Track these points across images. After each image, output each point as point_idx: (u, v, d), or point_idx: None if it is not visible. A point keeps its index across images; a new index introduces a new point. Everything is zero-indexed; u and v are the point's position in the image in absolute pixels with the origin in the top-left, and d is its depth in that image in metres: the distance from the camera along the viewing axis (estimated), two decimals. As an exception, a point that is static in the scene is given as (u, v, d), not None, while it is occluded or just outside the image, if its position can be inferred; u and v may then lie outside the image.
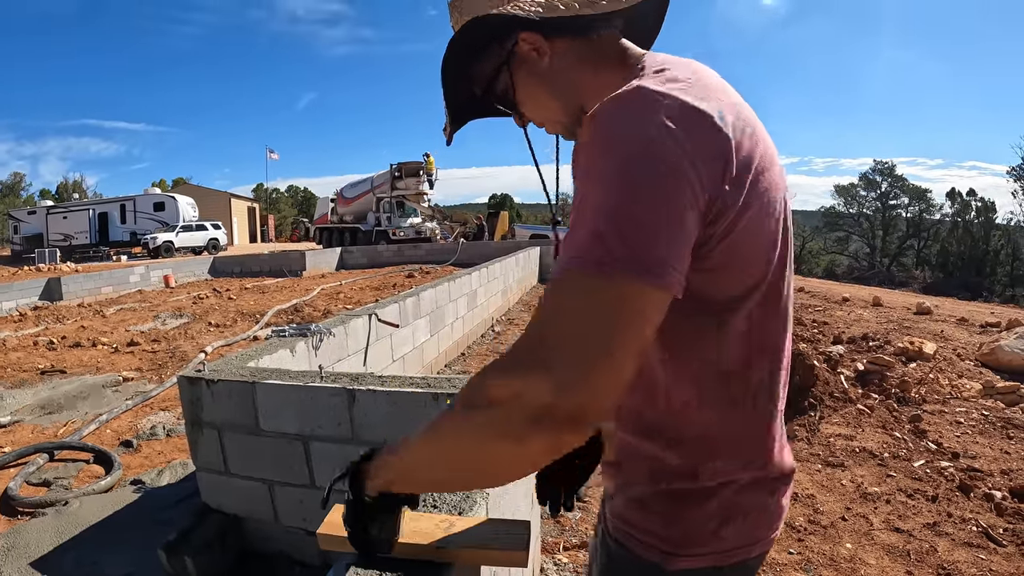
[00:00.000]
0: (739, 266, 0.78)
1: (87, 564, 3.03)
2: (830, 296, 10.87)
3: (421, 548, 1.09)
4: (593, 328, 0.63)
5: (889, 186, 50.39)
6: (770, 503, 0.89)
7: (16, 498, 3.74)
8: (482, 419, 0.68)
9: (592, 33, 0.88)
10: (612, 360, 0.63)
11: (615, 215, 0.65)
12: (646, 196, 0.65)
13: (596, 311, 0.64)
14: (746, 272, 0.79)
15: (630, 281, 0.64)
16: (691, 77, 0.76)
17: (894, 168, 50.60)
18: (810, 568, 2.62)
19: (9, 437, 4.87)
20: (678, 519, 0.85)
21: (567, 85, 0.91)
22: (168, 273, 17.54)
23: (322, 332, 3.30)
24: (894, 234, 49.91)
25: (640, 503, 0.88)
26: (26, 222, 37.08)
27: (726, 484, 0.84)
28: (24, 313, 11.91)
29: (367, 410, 2.40)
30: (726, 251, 0.75)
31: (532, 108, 0.96)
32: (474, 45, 0.91)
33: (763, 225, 0.78)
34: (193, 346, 8.13)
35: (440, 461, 0.78)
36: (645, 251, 0.64)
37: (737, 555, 0.87)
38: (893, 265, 46.97)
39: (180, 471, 4.06)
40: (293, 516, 2.73)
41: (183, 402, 2.83)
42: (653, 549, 0.86)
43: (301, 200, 77.21)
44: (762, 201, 0.77)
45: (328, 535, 1.12)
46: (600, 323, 0.63)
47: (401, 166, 28.56)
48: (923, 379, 5.22)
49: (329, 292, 13.60)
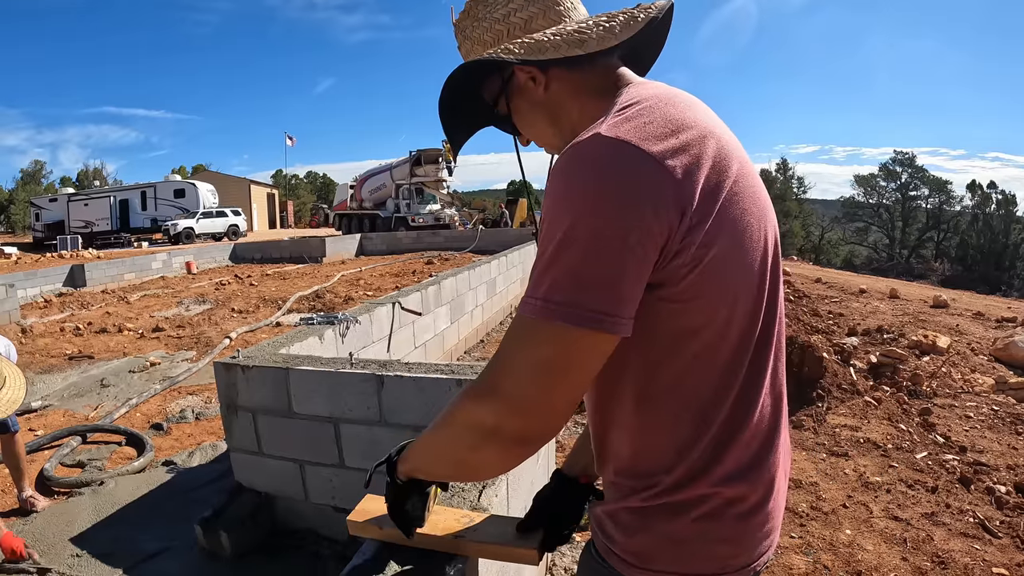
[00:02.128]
0: (710, 297, 0.80)
1: (125, 540, 3.17)
2: (847, 287, 10.86)
3: (440, 540, 1.21)
4: (535, 367, 0.75)
5: (909, 177, 49.84)
6: (739, 528, 0.88)
7: (52, 478, 3.88)
8: (453, 433, 0.86)
9: (585, 65, 0.92)
10: (549, 396, 0.76)
11: (563, 266, 0.73)
12: (593, 248, 0.72)
13: (538, 352, 0.75)
14: (719, 302, 0.81)
15: (570, 328, 0.72)
16: (653, 114, 0.80)
17: (914, 159, 50.06)
18: (810, 552, 2.74)
19: (41, 421, 5.04)
20: (638, 534, 0.89)
21: (561, 112, 0.97)
22: (190, 259, 17.70)
23: (349, 320, 3.45)
24: (914, 226, 49.44)
25: (611, 515, 0.93)
26: (47, 209, 37.34)
27: (683, 507, 0.86)
28: (49, 299, 12.08)
29: (395, 395, 2.55)
30: (695, 284, 0.78)
31: (530, 131, 1.03)
32: (474, 77, 0.99)
33: (734, 256, 0.81)
34: (217, 332, 8.27)
35: (436, 461, 0.96)
36: (589, 300, 0.72)
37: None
38: (912, 257, 46.54)
39: (210, 452, 4.22)
40: (323, 494, 2.90)
41: (219, 387, 2.99)
42: (615, 557, 0.91)
43: (320, 186, 77.05)
44: (733, 230, 0.81)
45: (357, 522, 1.26)
46: (541, 364, 0.75)
47: (420, 153, 28.62)
48: (935, 373, 5.28)
49: (349, 278, 13.70)
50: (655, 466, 0.87)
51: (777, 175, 54.31)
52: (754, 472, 0.88)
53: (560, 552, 2.78)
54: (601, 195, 0.73)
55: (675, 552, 0.87)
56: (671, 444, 0.86)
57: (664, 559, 0.88)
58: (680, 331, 0.82)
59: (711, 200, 0.78)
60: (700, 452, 0.85)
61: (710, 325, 0.82)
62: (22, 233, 46.86)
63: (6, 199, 54.57)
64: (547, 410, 0.77)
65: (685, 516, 0.86)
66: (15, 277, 12.45)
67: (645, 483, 0.88)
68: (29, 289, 12.68)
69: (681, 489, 0.86)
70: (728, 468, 0.86)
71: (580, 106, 0.95)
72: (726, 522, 0.87)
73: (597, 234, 0.72)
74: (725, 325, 0.83)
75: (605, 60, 0.94)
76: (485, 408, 0.78)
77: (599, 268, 0.73)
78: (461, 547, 1.20)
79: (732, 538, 0.88)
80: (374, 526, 1.26)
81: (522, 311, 0.77)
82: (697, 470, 0.85)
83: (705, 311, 0.81)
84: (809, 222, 53.44)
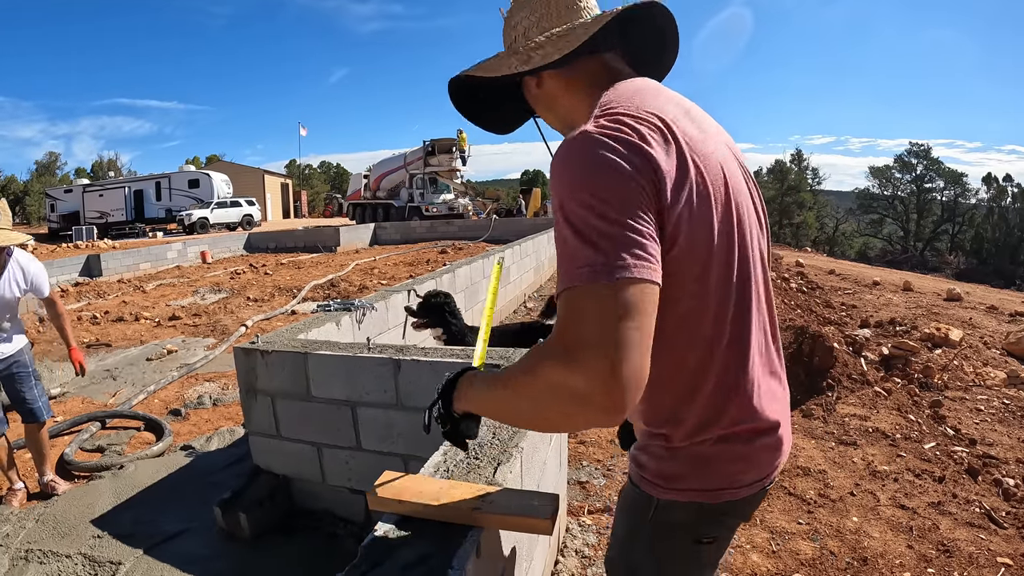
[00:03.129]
0: (692, 251, 0.92)
1: (145, 521, 3.24)
2: (861, 279, 10.83)
3: (458, 512, 1.27)
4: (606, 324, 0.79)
5: (925, 169, 49.40)
6: (748, 452, 1.05)
7: (72, 462, 3.96)
8: (536, 390, 0.86)
9: (569, 63, 1.07)
10: (627, 351, 0.78)
11: (590, 239, 0.82)
12: (607, 212, 0.83)
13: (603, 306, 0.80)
14: (697, 255, 0.93)
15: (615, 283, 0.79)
16: (630, 107, 0.94)
17: (929, 150, 49.51)
18: (817, 537, 2.78)
19: (60, 407, 5.11)
20: (666, 461, 1.06)
21: (555, 104, 1.16)
22: (205, 249, 17.79)
23: (365, 307, 3.51)
24: (928, 218, 49.01)
25: (643, 448, 1.10)
26: (63, 200, 37.53)
27: (700, 441, 1.03)
28: (66, 289, 12.18)
29: (411, 378, 2.60)
30: (683, 240, 0.90)
31: (542, 116, 1.24)
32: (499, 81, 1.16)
33: (705, 214, 0.93)
34: (233, 320, 8.35)
35: (503, 409, 1.01)
36: (618, 256, 0.80)
37: (722, 496, 1.06)
38: (927, 250, 46.16)
39: (228, 437, 4.30)
40: (339, 476, 2.96)
41: (238, 372, 3.06)
42: (647, 483, 1.09)
43: (334, 176, 77.14)
44: (703, 195, 0.93)
45: (377, 496, 1.31)
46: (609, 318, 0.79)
47: (434, 143, 28.69)
48: (947, 365, 5.29)
49: (364, 267, 13.78)
50: (671, 416, 1.04)
51: (792, 166, 53.95)
52: (759, 413, 1.05)
53: (571, 534, 2.84)
54: (599, 173, 0.86)
55: (697, 473, 1.05)
56: (676, 398, 1.03)
57: (688, 479, 1.05)
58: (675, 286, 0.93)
59: (681, 169, 0.91)
60: (705, 401, 1.02)
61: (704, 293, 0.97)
62: (37, 224, 47.30)
63: (21, 190, 54.97)
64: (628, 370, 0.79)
65: (704, 447, 1.03)
66: None
67: (670, 429, 1.04)
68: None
69: (700, 432, 1.03)
70: (734, 415, 1.03)
71: (570, 101, 1.13)
72: (738, 447, 1.04)
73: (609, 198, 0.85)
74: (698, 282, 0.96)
75: (588, 62, 1.10)
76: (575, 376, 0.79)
77: (620, 227, 0.83)
78: (477, 519, 1.26)
79: (745, 457, 1.05)
80: (393, 500, 1.31)
81: (575, 282, 0.82)
82: (708, 419, 1.02)
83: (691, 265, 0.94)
84: (823, 213, 53.08)
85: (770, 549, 2.72)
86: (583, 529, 2.90)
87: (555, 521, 1.23)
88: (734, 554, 2.69)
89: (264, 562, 2.82)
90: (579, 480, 3.39)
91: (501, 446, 1.66)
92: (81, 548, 3.00)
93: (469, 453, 1.56)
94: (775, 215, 51.42)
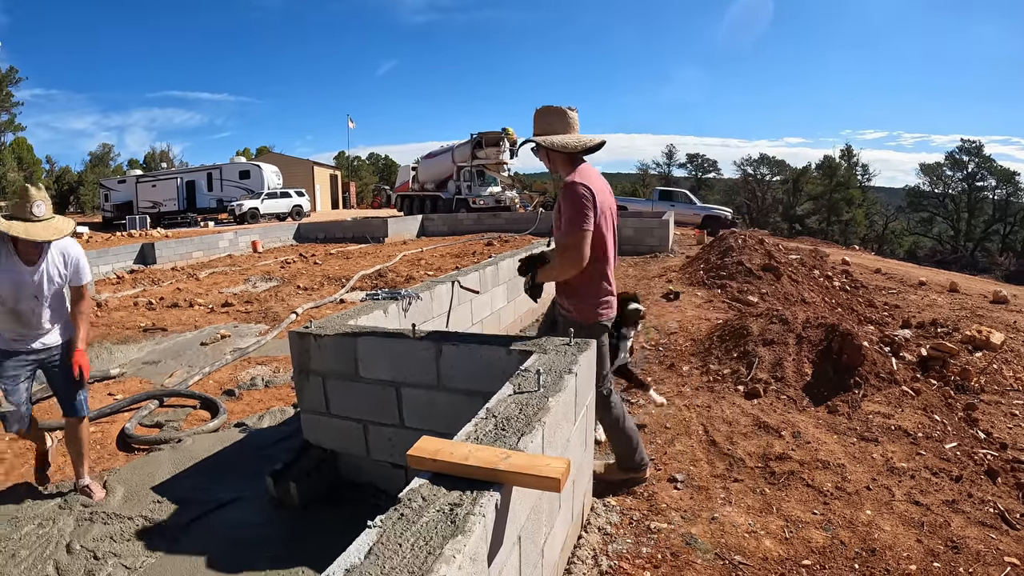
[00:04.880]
0: (599, 231, 2.91)
1: (201, 489, 3.53)
2: (907, 279, 10.67)
3: (482, 470, 1.52)
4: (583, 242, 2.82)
5: (976, 167, 47.65)
6: (610, 304, 3.14)
7: (133, 436, 4.26)
8: (564, 262, 2.91)
9: (568, 153, 3.02)
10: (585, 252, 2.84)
11: (576, 214, 2.82)
12: (583, 211, 2.82)
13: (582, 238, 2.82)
14: (600, 232, 2.93)
15: (584, 231, 2.82)
16: (586, 175, 2.91)
17: (982, 147, 47.59)
18: (829, 528, 2.91)
19: (119, 387, 5.48)
20: (587, 308, 3.07)
21: (553, 165, 3.10)
22: (256, 239, 18.26)
23: (411, 296, 3.74)
24: (980, 217, 47.22)
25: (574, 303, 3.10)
26: (116, 190, 38.71)
27: (598, 301, 3.07)
28: (121, 276, 12.74)
29: (452, 362, 2.84)
30: (597, 227, 2.90)
31: (548, 165, 3.16)
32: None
33: (603, 225, 2.95)
34: (284, 307, 8.65)
35: (552, 274, 3.09)
36: (586, 224, 2.81)
37: (604, 319, 3.12)
38: (977, 250, 44.63)
39: (278, 416, 4.58)
40: (382, 451, 3.22)
41: (292, 353, 3.33)
42: (579, 315, 3.09)
43: (382, 167, 77.58)
44: (604, 218, 2.95)
45: (417, 457, 1.58)
46: (584, 241, 2.82)
47: (482, 136, 28.71)
48: (986, 369, 5.23)
49: (411, 258, 14.03)
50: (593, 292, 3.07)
51: (841, 161, 52.79)
52: (612, 291, 3.15)
53: (595, 513, 3.04)
54: (582, 197, 2.84)
55: (598, 312, 3.08)
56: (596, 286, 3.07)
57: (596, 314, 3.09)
58: (595, 245, 2.89)
59: (600, 207, 2.91)
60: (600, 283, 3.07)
61: (600, 244, 2.96)
62: (91, 213, 48.81)
63: (76, 180, 56.86)
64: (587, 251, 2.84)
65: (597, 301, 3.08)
66: (88, 254, 12.72)
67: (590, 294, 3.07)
68: (102, 266, 13.34)
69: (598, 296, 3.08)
70: (606, 290, 3.11)
71: (562, 166, 3.05)
72: (608, 300, 3.13)
73: (585, 207, 2.85)
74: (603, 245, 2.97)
75: (572, 155, 3.03)
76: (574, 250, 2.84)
77: (587, 216, 2.83)
78: (497, 475, 1.49)
79: (611, 306, 3.15)
80: (429, 459, 1.57)
81: (573, 230, 2.83)
82: (601, 291, 3.08)
83: (599, 239, 2.93)
84: (873, 211, 51.70)
85: (783, 536, 2.87)
86: (607, 509, 3.10)
87: (564, 481, 1.46)
88: (748, 539, 2.85)
89: (312, 528, 3.07)
90: (607, 464, 3.58)
91: (526, 420, 1.88)
92: (142, 511, 3.27)
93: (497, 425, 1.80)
94: (823, 212, 50.47)
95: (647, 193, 41.50)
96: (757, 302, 7.33)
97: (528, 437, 1.73)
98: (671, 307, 7.85)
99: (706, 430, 4.01)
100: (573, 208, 2.79)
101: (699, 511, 3.11)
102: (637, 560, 2.72)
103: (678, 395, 4.66)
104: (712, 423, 4.09)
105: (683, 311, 7.57)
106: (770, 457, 3.59)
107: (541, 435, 1.81)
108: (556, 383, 2.28)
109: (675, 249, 14.60)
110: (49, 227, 3.14)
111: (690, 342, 6.07)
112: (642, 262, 12.82)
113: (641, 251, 14.14)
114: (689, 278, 9.79)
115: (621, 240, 14.24)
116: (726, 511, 3.10)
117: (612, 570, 2.64)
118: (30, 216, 3.09)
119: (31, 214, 3.09)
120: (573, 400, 2.42)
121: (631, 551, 2.78)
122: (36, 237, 3.08)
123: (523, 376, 2.35)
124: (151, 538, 3.06)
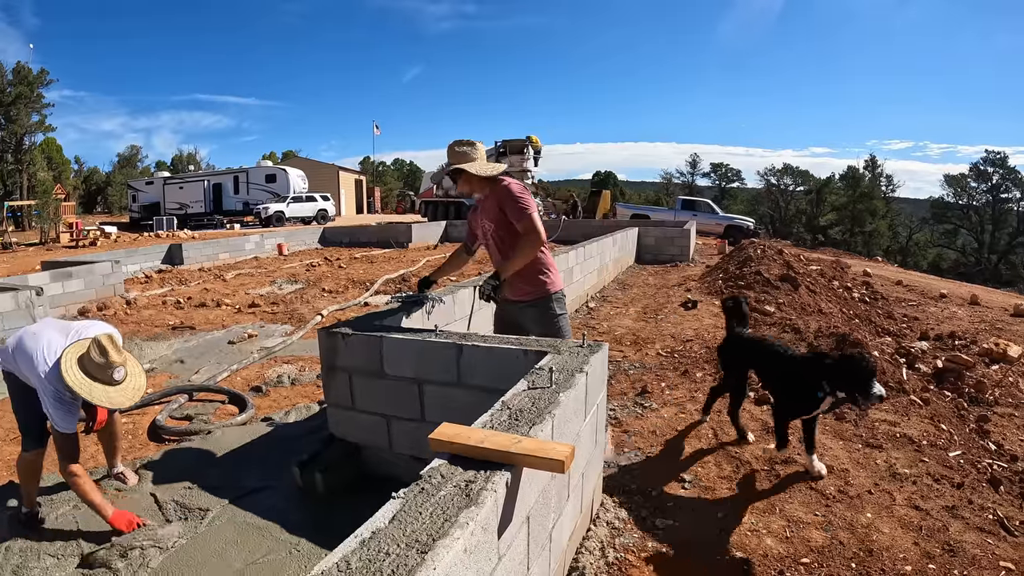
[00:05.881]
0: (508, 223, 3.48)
1: (230, 478, 3.70)
2: (928, 291, 10.62)
3: (496, 452, 1.70)
4: (538, 221, 3.36)
5: (1001, 178, 47.02)
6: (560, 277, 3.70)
7: (164, 427, 4.46)
8: (528, 247, 3.33)
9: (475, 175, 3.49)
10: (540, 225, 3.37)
11: (524, 203, 3.35)
12: (526, 198, 3.36)
13: (535, 219, 3.36)
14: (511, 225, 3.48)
15: (533, 212, 3.36)
16: (516, 180, 3.48)
17: (1006, 159, 46.99)
18: (829, 528, 3.01)
19: (150, 382, 5.58)
20: (553, 278, 3.62)
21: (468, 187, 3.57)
22: (281, 242, 18.57)
23: (434, 300, 3.91)
24: (1004, 230, 46.50)
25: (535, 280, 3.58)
26: (144, 192, 39.52)
27: (556, 268, 3.68)
28: (150, 276, 13.04)
29: (471, 361, 3.01)
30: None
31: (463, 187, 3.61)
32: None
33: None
34: (309, 309, 8.86)
35: (518, 263, 3.37)
36: (532, 207, 3.36)
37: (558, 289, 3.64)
38: (1001, 263, 43.98)
39: (304, 412, 4.77)
40: (404, 445, 3.39)
41: (321, 350, 3.52)
42: (547, 287, 3.59)
43: (407, 173, 78.30)
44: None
45: (437, 440, 1.77)
46: (538, 220, 3.37)
47: (506, 143, 28.87)
48: (1001, 382, 5.26)
49: (434, 263, 14.09)
50: (547, 262, 3.63)
51: (864, 172, 52.32)
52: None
53: (605, 508, 3.19)
54: (520, 190, 3.41)
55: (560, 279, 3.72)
56: (545, 258, 3.62)
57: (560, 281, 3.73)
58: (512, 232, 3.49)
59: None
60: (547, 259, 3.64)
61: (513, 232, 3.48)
62: (119, 213, 49.84)
63: (104, 181, 58.05)
64: (543, 231, 3.36)
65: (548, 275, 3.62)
66: (118, 254, 13.41)
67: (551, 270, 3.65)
68: (130, 266, 13.62)
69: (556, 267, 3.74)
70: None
71: (476, 186, 3.54)
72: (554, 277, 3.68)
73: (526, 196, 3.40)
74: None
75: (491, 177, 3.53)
76: (536, 236, 3.34)
77: (531, 203, 3.40)
78: (509, 458, 1.67)
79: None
80: (448, 442, 1.75)
81: (527, 214, 3.35)
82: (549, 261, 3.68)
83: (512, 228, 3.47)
84: (897, 222, 51.12)
85: (784, 535, 2.99)
86: (617, 505, 3.25)
87: (569, 464, 1.63)
88: (750, 536, 2.98)
89: (335, 516, 3.22)
90: (619, 464, 3.74)
91: (538, 412, 2.05)
92: (174, 496, 3.46)
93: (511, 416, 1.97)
94: (847, 222, 50.03)
95: (670, 202, 41.48)
96: (774, 312, 7.42)
97: (539, 427, 1.90)
98: (688, 315, 7.98)
99: (715, 434, 4.14)
100: (518, 200, 3.35)
101: (704, 510, 3.25)
102: (643, 554, 2.87)
103: (690, 400, 4.79)
104: (722, 427, 4.22)
105: (700, 319, 7.71)
106: (776, 460, 3.71)
107: (551, 426, 1.98)
108: (567, 380, 2.43)
109: (696, 259, 14.74)
110: (128, 390, 2.94)
111: (705, 349, 6.19)
112: (663, 271, 12.98)
113: (662, 260, 14.34)
114: (708, 287, 9.91)
115: (642, 249, 14.77)
116: (730, 510, 3.23)
117: (618, 562, 2.79)
118: (112, 380, 2.87)
119: (112, 379, 2.87)
120: (583, 397, 2.58)
121: (637, 545, 2.93)
122: (120, 406, 2.96)
123: (537, 374, 2.51)
124: (182, 521, 3.24)
